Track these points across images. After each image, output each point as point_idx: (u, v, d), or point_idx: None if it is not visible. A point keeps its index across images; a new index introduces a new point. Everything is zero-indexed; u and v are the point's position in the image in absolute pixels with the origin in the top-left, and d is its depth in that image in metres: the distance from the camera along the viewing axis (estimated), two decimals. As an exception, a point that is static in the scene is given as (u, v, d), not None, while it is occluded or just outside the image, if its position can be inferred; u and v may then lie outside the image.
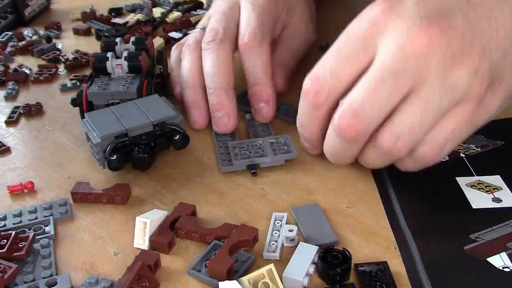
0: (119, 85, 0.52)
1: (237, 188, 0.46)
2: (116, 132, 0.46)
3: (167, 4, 0.90)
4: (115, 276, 0.37)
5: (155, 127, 0.47)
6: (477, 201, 0.42)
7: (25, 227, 0.42)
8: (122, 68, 0.53)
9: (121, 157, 0.45)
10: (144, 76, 0.54)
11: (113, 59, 0.54)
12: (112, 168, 0.45)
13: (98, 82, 0.52)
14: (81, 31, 0.83)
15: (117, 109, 0.48)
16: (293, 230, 0.39)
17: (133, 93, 0.51)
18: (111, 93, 0.51)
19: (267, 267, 0.35)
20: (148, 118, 0.47)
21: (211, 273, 0.36)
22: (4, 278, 0.36)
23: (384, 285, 0.35)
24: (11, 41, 0.79)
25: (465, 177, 0.45)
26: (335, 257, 0.36)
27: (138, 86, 0.52)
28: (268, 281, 0.35)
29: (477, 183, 0.44)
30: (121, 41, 0.57)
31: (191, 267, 0.38)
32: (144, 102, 0.49)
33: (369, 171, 0.47)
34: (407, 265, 0.37)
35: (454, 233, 0.39)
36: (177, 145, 0.48)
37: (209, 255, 0.38)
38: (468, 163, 0.46)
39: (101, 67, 0.54)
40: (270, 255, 0.38)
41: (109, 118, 0.47)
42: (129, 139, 0.46)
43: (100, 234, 0.42)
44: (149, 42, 0.58)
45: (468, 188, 0.43)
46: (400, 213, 0.42)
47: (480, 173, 0.45)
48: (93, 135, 0.46)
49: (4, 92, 0.65)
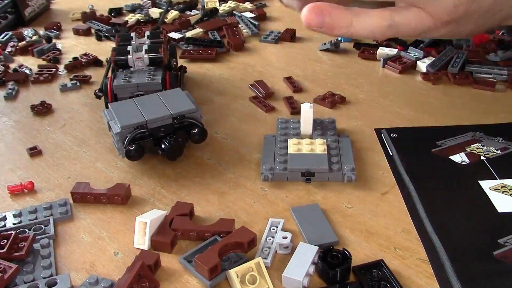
0: (143, 77, 0.53)
1: (237, 188, 0.46)
2: (135, 123, 0.46)
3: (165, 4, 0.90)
4: (115, 276, 0.37)
5: (174, 120, 0.48)
6: (503, 205, 0.42)
7: (25, 227, 0.42)
8: (142, 61, 0.54)
9: (139, 147, 0.46)
10: (164, 69, 0.54)
11: (134, 52, 0.54)
12: (130, 158, 0.46)
13: (122, 75, 0.53)
14: (81, 31, 0.83)
15: (140, 101, 0.49)
16: (287, 238, 0.39)
17: (158, 84, 0.52)
18: (137, 85, 0.52)
19: (255, 260, 0.36)
20: (168, 111, 0.48)
21: (196, 268, 0.37)
22: (4, 278, 0.36)
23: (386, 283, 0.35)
24: (11, 41, 0.79)
25: (488, 180, 0.45)
26: (335, 257, 0.36)
27: (162, 77, 0.53)
28: (256, 274, 0.35)
29: (500, 186, 0.44)
30: (136, 36, 0.58)
31: (183, 256, 0.38)
32: (166, 95, 0.50)
33: (369, 172, 0.47)
34: (436, 271, 0.37)
35: (482, 238, 0.39)
36: (195, 138, 0.49)
37: (204, 249, 0.38)
38: (490, 166, 0.46)
39: (123, 60, 0.54)
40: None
41: (131, 109, 0.48)
42: (148, 130, 0.47)
43: (100, 234, 0.42)
44: (164, 36, 0.59)
45: (492, 191, 0.43)
46: (426, 218, 0.41)
47: (502, 176, 0.45)
48: (113, 125, 0.47)
49: (4, 92, 0.65)
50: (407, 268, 0.37)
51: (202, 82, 0.66)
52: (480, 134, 0.51)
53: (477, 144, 0.49)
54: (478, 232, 0.40)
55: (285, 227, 0.41)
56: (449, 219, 0.41)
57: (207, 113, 0.58)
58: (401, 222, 0.41)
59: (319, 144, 0.48)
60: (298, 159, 0.47)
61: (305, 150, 0.47)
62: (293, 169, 0.46)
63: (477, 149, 0.48)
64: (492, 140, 0.49)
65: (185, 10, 0.89)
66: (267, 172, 0.46)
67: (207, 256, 0.36)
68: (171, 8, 0.88)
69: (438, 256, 0.38)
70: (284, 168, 0.46)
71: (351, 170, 0.45)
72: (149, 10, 0.89)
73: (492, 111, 0.55)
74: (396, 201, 0.44)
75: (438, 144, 0.50)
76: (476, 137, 0.50)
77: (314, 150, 0.47)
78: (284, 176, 0.46)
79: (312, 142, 0.48)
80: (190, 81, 0.66)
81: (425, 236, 0.40)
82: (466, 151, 0.48)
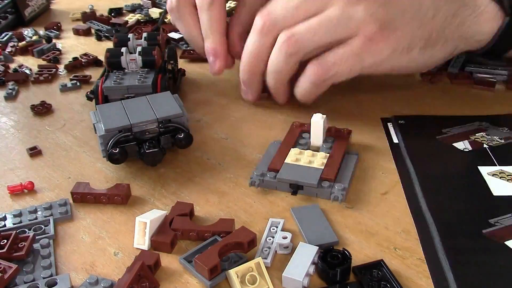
0: (134, 79, 0.53)
1: (237, 188, 0.46)
2: (120, 126, 0.46)
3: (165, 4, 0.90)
4: (115, 276, 0.37)
5: (159, 124, 0.47)
6: (498, 188, 0.43)
7: (25, 227, 0.42)
8: (136, 63, 0.54)
9: (122, 151, 0.46)
10: (157, 71, 0.54)
11: (127, 54, 0.54)
12: (113, 161, 0.46)
13: (113, 77, 0.53)
14: (81, 31, 0.83)
15: (127, 104, 0.49)
16: (287, 238, 0.39)
17: (148, 86, 0.52)
18: (127, 87, 0.52)
19: (255, 260, 0.36)
20: (154, 115, 0.47)
21: (196, 268, 0.37)
22: (4, 278, 0.36)
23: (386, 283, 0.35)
24: (11, 41, 0.79)
25: (488, 166, 0.46)
26: (335, 257, 0.36)
27: (153, 80, 0.52)
28: (256, 274, 0.35)
29: (499, 172, 0.45)
30: (134, 37, 0.57)
31: (183, 256, 0.38)
32: (155, 98, 0.50)
33: (369, 172, 0.47)
34: (426, 248, 0.38)
35: (475, 217, 0.40)
36: (180, 144, 0.48)
37: (204, 249, 0.38)
38: (491, 154, 0.47)
39: (116, 61, 0.54)
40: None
41: (118, 112, 0.48)
42: (132, 134, 0.47)
43: (100, 234, 0.42)
44: (161, 37, 0.58)
45: (490, 176, 0.44)
46: (422, 198, 0.43)
47: (502, 164, 0.46)
48: (99, 127, 0.47)
49: (4, 92, 0.65)
50: (407, 268, 0.37)
51: (202, 82, 0.66)
52: (486, 124, 0.52)
53: (482, 133, 0.50)
54: (471, 212, 0.41)
55: (285, 227, 0.41)
56: (444, 199, 0.42)
57: (207, 113, 0.58)
58: (401, 222, 0.41)
59: (320, 158, 0.46)
60: (291, 170, 0.45)
61: (303, 162, 0.46)
62: (282, 179, 0.45)
63: (481, 137, 0.49)
64: (497, 130, 0.50)
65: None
66: (256, 177, 0.45)
67: (207, 256, 0.36)
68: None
69: (429, 233, 0.39)
70: (274, 176, 0.45)
71: (341, 190, 0.43)
72: (149, 10, 0.89)
73: (492, 111, 0.55)
74: (396, 201, 0.44)
75: (443, 132, 0.51)
76: (482, 126, 0.52)
77: (312, 162, 0.46)
78: (273, 185, 0.45)
79: (314, 155, 0.47)
80: (190, 81, 0.66)
81: (420, 217, 0.41)
82: (470, 139, 0.50)
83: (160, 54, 0.55)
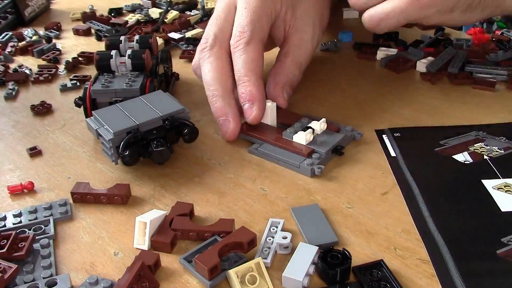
0: (122, 82, 0.52)
1: (237, 188, 0.46)
2: (128, 127, 0.46)
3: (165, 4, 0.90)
4: (115, 276, 0.37)
5: (164, 122, 0.48)
6: (506, 204, 0.42)
7: (25, 227, 0.42)
8: (125, 66, 0.54)
9: (134, 152, 0.46)
10: (147, 75, 0.54)
11: (117, 57, 0.54)
12: (126, 163, 0.46)
13: (102, 80, 0.53)
14: (81, 31, 0.83)
15: (124, 106, 0.49)
16: (287, 238, 0.39)
17: (136, 90, 0.51)
18: (115, 91, 0.51)
19: (255, 260, 0.36)
20: (157, 113, 0.48)
21: (196, 268, 0.37)
22: (4, 278, 0.36)
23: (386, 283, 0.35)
24: (11, 41, 0.79)
25: (491, 179, 0.45)
26: (335, 257, 0.36)
27: (141, 84, 0.52)
28: (256, 274, 0.35)
29: (503, 185, 0.44)
30: (126, 40, 0.57)
31: (183, 256, 0.38)
32: (150, 98, 0.50)
33: (369, 172, 0.47)
34: (438, 271, 0.37)
35: (486, 237, 0.39)
36: (187, 138, 0.49)
37: (204, 249, 0.38)
38: (493, 166, 0.46)
39: (105, 64, 0.54)
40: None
41: (118, 115, 0.48)
42: (140, 134, 0.47)
43: (100, 234, 0.42)
44: (153, 41, 0.58)
45: (495, 190, 0.43)
46: (429, 217, 0.41)
47: (505, 175, 0.45)
48: (104, 131, 0.47)
49: (4, 92, 0.65)
50: (407, 268, 0.37)
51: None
52: (483, 134, 0.51)
53: (480, 143, 0.49)
54: (481, 231, 0.40)
55: (285, 227, 0.41)
56: (452, 218, 0.41)
57: (207, 113, 0.58)
58: (401, 222, 0.41)
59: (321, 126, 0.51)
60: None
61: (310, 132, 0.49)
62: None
63: (480, 148, 0.49)
64: (495, 140, 0.50)
65: (185, 10, 0.89)
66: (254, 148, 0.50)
67: (207, 256, 0.36)
68: (171, 8, 0.88)
69: (441, 256, 0.38)
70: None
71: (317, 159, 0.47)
72: (149, 10, 0.89)
73: (492, 111, 0.55)
74: (396, 201, 0.44)
75: (441, 144, 0.50)
76: (479, 136, 0.51)
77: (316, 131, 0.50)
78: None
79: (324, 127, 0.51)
80: (190, 81, 0.66)
81: (428, 236, 0.40)
82: (469, 150, 0.49)
83: (151, 58, 0.55)
